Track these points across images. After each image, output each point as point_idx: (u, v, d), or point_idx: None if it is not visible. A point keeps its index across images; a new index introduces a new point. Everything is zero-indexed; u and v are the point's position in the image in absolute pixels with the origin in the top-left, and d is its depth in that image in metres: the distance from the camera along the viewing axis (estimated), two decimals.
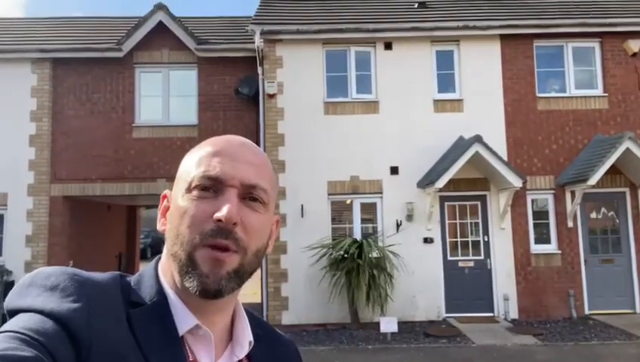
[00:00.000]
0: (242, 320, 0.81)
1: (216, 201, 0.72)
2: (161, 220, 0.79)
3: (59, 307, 0.61)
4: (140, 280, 0.75)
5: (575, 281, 9.42)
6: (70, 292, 0.63)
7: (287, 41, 9.83)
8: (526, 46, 9.94)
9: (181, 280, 0.72)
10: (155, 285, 0.74)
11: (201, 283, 0.70)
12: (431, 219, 9.44)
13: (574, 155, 9.65)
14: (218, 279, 0.70)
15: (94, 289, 0.66)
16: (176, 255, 0.72)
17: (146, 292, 0.73)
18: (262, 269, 9.60)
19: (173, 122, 10.52)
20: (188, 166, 0.76)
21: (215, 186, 0.73)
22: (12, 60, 10.36)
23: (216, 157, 0.75)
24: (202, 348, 0.73)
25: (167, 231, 0.76)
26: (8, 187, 10.10)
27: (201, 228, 0.70)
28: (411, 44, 9.90)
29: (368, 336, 8.26)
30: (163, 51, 10.75)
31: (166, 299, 0.73)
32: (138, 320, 0.68)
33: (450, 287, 9.49)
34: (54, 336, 0.58)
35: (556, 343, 7.74)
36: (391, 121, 9.68)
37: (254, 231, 0.74)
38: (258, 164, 0.77)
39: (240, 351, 0.78)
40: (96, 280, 0.69)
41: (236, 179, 0.73)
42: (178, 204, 0.74)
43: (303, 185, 9.43)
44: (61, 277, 0.65)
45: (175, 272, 0.73)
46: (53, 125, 10.46)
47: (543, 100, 9.87)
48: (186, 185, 0.74)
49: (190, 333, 0.72)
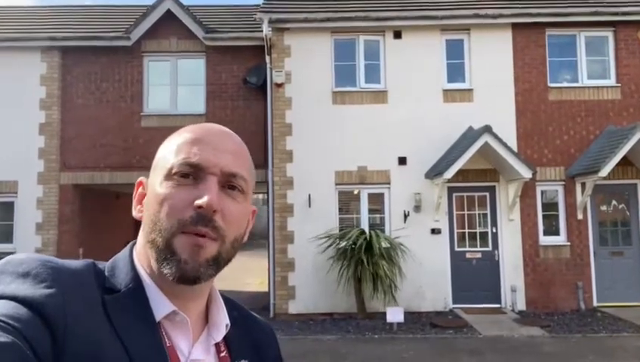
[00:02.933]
0: (218, 304, 0.81)
1: (196, 189, 0.71)
2: (137, 207, 0.79)
3: (32, 293, 0.60)
4: (115, 267, 0.74)
5: (584, 273, 9.36)
6: (43, 278, 0.63)
7: (295, 30, 9.75)
8: (538, 35, 9.79)
9: (158, 267, 0.71)
10: (130, 271, 0.73)
11: (179, 270, 0.70)
12: (439, 209, 9.40)
13: (585, 146, 9.54)
14: (197, 266, 0.70)
15: (67, 275, 0.66)
16: (154, 242, 0.71)
17: (121, 279, 0.72)
18: (269, 258, 9.66)
19: (181, 111, 10.52)
20: (166, 153, 0.76)
21: (195, 173, 0.72)
22: (22, 48, 10.39)
23: (196, 144, 0.74)
24: (179, 334, 0.73)
25: (144, 218, 0.75)
26: (19, 175, 10.19)
27: (180, 215, 0.70)
28: (421, 33, 9.79)
29: (375, 326, 8.28)
30: (171, 40, 10.73)
31: (142, 285, 0.72)
32: (114, 306, 0.68)
33: (457, 278, 9.47)
34: (29, 322, 0.58)
35: (564, 335, 7.72)
36: (399, 110, 9.61)
37: (233, 219, 0.73)
38: (238, 153, 0.77)
39: (217, 333, 0.78)
40: (69, 267, 0.68)
41: (217, 166, 0.73)
42: (156, 190, 0.73)
43: (311, 175, 9.41)
44: (33, 264, 0.64)
45: (152, 259, 0.72)
46: (62, 114, 10.52)
47: (554, 90, 9.74)
48: (165, 171, 0.73)
49: (167, 319, 0.72)
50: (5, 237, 10.23)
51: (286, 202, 9.45)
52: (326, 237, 8.95)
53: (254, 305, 10.15)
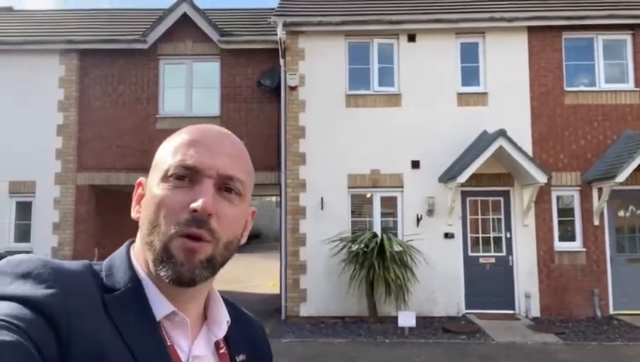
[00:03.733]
0: (217, 302, 0.82)
1: (192, 191, 0.71)
2: (135, 208, 0.79)
3: (34, 293, 0.60)
4: (112, 266, 0.74)
5: (600, 280, 9.21)
6: (44, 278, 0.63)
7: (309, 33, 9.79)
8: (554, 38, 9.68)
9: (155, 269, 0.71)
10: (128, 271, 0.73)
11: (175, 272, 0.70)
12: (452, 214, 9.33)
13: (602, 151, 9.39)
14: (192, 268, 0.71)
15: (68, 275, 0.66)
16: (151, 244, 0.72)
17: (119, 278, 0.72)
18: (281, 260, 9.68)
19: (195, 113, 10.62)
20: (164, 154, 0.76)
21: (191, 176, 0.72)
22: (41, 51, 10.60)
23: (193, 146, 0.74)
24: (179, 334, 0.74)
25: (141, 219, 0.75)
26: (36, 175, 10.38)
27: (177, 219, 0.70)
28: (435, 36, 9.75)
29: (386, 330, 8.25)
30: (187, 43, 10.85)
31: (141, 284, 0.73)
32: (114, 305, 0.68)
33: (470, 283, 9.39)
34: (33, 322, 0.58)
35: (578, 342, 7.60)
36: (413, 114, 9.58)
37: (228, 222, 0.74)
38: (236, 155, 0.77)
39: (219, 331, 0.79)
40: (69, 268, 0.68)
41: (213, 169, 0.73)
42: (154, 192, 0.73)
43: (323, 178, 9.42)
44: (32, 265, 0.64)
45: (149, 261, 0.72)
46: (79, 115, 10.69)
47: (571, 94, 9.62)
48: (162, 173, 0.73)
49: (166, 319, 0.72)
50: (23, 237, 10.43)
51: (298, 204, 9.47)
52: (338, 240, 8.94)
53: (266, 307, 10.19)
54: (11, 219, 10.49)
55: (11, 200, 10.48)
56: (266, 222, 28.73)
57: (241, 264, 17.98)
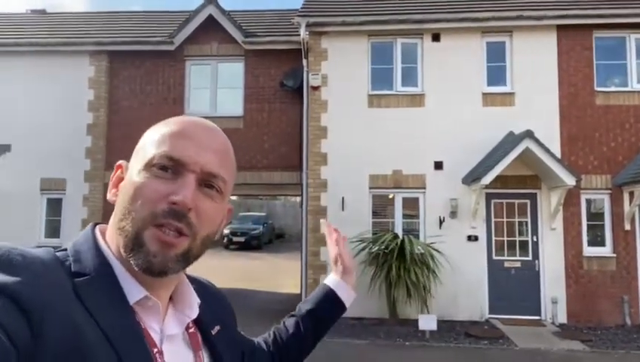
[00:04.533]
0: (186, 285, 0.82)
1: (173, 183, 0.71)
2: (112, 190, 0.78)
3: (4, 280, 0.59)
4: (78, 251, 0.73)
5: (630, 287, 8.88)
6: (13, 265, 0.62)
7: (332, 33, 9.78)
8: (584, 37, 9.39)
9: (127, 255, 0.71)
10: (97, 256, 0.72)
11: (146, 262, 0.70)
12: (476, 216, 9.16)
13: (634, 154, 9.05)
14: (165, 261, 0.70)
15: (36, 262, 0.65)
16: (123, 230, 0.71)
17: (88, 263, 0.71)
18: (302, 260, 9.69)
19: (220, 113, 10.75)
20: (149, 141, 0.75)
21: (175, 168, 0.72)
22: (72, 53, 10.94)
23: (180, 138, 0.73)
24: (150, 318, 0.74)
25: (117, 203, 0.75)
26: (67, 173, 10.71)
27: (153, 207, 0.70)
28: (461, 36, 9.60)
29: (406, 333, 8.15)
30: (212, 44, 11.00)
31: (112, 268, 0.72)
32: (85, 289, 0.67)
33: (494, 288, 9.19)
34: (3, 309, 0.57)
35: (606, 350, 7.34)
36: (437, 114, 9.44)
37: (207, 218, 0.73)
38: (221, 152, 0.77)
39: (190, 311, 0.80)
40: (36, 254, 0.67)
41: (197, 164, 0.72)
42: (133, 179, 0.72)
43: (345, 178, 9.39)
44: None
45: (121, 246, 0.72)
46: (109, 115, 10.98)
47: (601, 95, 9.31)
48: (146, 161, 0.73)
49: (138, 304, 0.72)
50: (53, 232, 10.78)
51: (319, 204, 9.47)
52: (358, 241, 8.89)
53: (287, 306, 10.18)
54: (42, 216, 10.86)
55: (42, 197, 10.84)
56: (290, 222, 28.83)
57: (265, 264, 18.11)
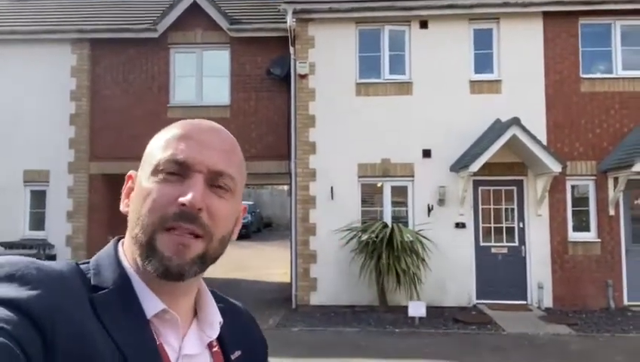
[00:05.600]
0: (208, 300, 0.81)
1: (181, 186, 0.71)
2: (124, 201, 0.79)
3: (18, 295, 0.60)
4: (99, 264, 0.73)
5: (614, 271, 9.07)
6: (28, 280, 0.62)
7: (319, 21, 9.68)
8: (570, 24, 9.44)
9: (142, 264, 0.71)
10: (116, 269, 0.73)
11: (162, 266, 0.69)
12: (464, 203, 9.24)
13: (619, 140, 9.18)
14: (182, 263, 0.70)
15: (52, 276, 0.65)
16: (136, 238, 0.71)
17: (108, 276, 0.71)
18: (292, 250, 9.70)
19: (206, 102, 10.61)
20: (154, 148, 0.75)
21: (181, 171, 0.71)
22: (53, 41, 10.65)
23: (183, 140, 0.73)
24: (169, 332, 0.73)
25: (129, 212, 0.75)
26: (50, 164, 10.50)
27: (163, 212, 0.70)
28: (448, 23, 9.57)
29: (396, 320, 8.24)
30: (197, 32, 10.81)
31: (130, 282, 0.72)
32: (102, 303, 0.67)
33: (481, 273, 9.32)
34: (18, 324, 0.57)
35: (591, 334, 7.51)
36: (424, 102, 9.45)
37: (220, 218, 0.73)
38: (227, 150, 0.76)
39: (211, 331, 0.78)
40: (54, 268, 0.67)
41: (203, 164, 0.72)
42: (142, 185, 0.73)
43: (334, 167, 9.37)
44: (16, 266, 0.64)
45: (136, 255, 0.72)
46: (92, 104, 10.76)
47: (587, 81, 9.39)
48: (152, 167, 0.73)
49: (156, 317, 0.71)
50: (37, 225, 10.60)
51: (308, 194, 9.45)
52: (348, 229, 8.92)
53: (277, 296, 10.24)
54: (26, 208, 10.66)
55: (26, 189, 10.63)
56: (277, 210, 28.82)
57: (255, 253, 18.09)
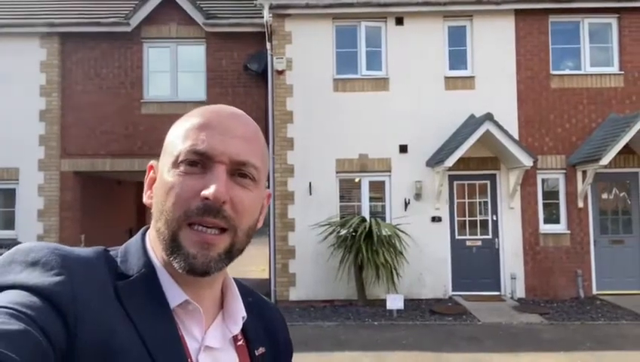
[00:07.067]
0: (233, 294, 0.80)
1: (203, 178, 0.69)
2: (147, 192, 0.77)
3: (42, 281, 0.60)
4: (127, 252, 0.73)
5: (584, 261, 9.40)
6: (52, 266, 0.63)
7: (296, 16, 9.66)
8: (541, 22, 9.69)
9: (168, 258, 0.70)
10: (142, 257, 0.72)
11: (188, 264, 0.68)
12: (439, 198, 9.40)
13: (587, 135, 9.50)
14: (207, 261, 0.69)
15: (77, 262, 0.65)
16: (160, 232, 0.70)
17: (133, 265, 0.71)
18: (270, 245, 9.69)
19: (181, 98, 10.45)
20: (174, 138, 0.73)
21: (203, 162, 0.69)
22: (21, 34, 10.30)
23: (204, 130, 0.71)
24: (192, 323, 0.72)
25: (153, 205, 0.73)
26: (19, 162, 10.18)
27: (186, 206, 0.68)
28: (423, 19, 9.69)
29: (375, 313, 8.34)
30: (171, 26, 10.63)
31: (154, 271, 0.72)
32: (126, 291, 0.67)
33: (457, 266, 9.52)
34: (41, 310, 0.58)
35: (562, 322, 7.77)
36: (401, 98, 9.56)
37: (244, 209, 0.71)
38: (249, 138, 0.73)
39: (234, 326, 0.77)
40: (78, 254, 0.67)
41: (225, 155, 0.70)
42: (164, 178, 0.71)
43: (312, 163, 9.40)
44: (41, 253, 0.64)
45: (162, 249, 0.71)
46: (62, 100, 10.47)
47: (556, 78, 9.67)
48: (173, 158, 0.71)
49: (180, 307, 0.71)
50: (7, 224, 10.27)
51: (287, 190, 9.46)
52: (327, 225, 8.97)
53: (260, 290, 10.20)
54: None
55: None
56: None
57: None
